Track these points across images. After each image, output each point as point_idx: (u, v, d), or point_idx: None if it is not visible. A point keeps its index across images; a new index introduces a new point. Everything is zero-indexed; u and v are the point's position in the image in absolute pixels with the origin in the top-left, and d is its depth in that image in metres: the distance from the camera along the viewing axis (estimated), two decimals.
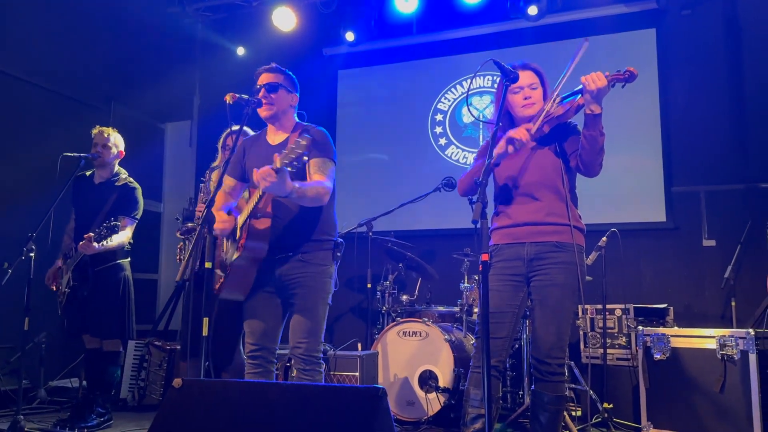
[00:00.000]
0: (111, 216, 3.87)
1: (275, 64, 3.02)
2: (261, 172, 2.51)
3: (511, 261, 2.74)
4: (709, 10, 5.40)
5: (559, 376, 2.68)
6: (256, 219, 2.79)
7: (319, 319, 2.85)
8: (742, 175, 5.14)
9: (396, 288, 4.93)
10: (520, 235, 2.74)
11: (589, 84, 2.51)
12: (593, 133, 2.56)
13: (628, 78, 2.52)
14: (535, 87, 2.79)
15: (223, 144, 4.02)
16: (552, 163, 2.75)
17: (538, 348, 2.68)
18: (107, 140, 4.17)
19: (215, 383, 2.14)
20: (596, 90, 2.50)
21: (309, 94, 3.54)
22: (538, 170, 2.75)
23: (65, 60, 5.72)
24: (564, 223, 2.70)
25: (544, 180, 2.74)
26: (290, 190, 2.58)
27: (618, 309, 4.50)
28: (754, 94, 5.21)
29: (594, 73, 2.51)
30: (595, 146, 2.58)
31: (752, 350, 3.56)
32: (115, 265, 4.12)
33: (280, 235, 2.83)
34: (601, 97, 2.54)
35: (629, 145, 5.51)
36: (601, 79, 2.50)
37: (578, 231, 2.75)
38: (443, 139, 6.26)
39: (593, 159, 2.62)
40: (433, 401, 4.12)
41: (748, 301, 4.71)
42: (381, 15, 6.23)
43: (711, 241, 5.20)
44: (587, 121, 2.58)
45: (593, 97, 2.53)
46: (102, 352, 4.10)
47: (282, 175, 2.50)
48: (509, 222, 2.77)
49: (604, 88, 2.50)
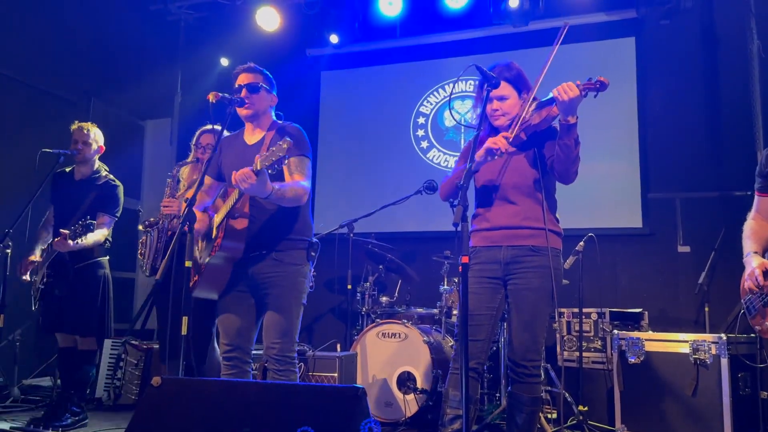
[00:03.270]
0: (90, 213, 3.83)
1: (253, 63, 3.02)
2: (240, 173, 2.51)
3: (489, 264, 2.77)
4: (688, 21, 5.49)
5: (535, 377, 2.72)
6: (234, 219, 2.79)
7: (293, 319, 2.85)
8: (717, 183, 5.23)
9: (376, 289, 4.94)
10: (497, 239, 2.76)
11: (561, 95, 2.48)
12: (567, 142, 2.56)
13: (600, 87, 2.48)
14: (506, 98, 2.78)
15: (196, 142, 4.00)
16: (529, 167, 2.77)
17: (514, 351, 2.72)
18: (87, 136, 4.12)
19: (194, 382, 2.14)
20: (568, 100, 2.48)
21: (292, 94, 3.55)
22: (516, 174, 2.77)
23: (44, 54, 5.65)
24: (540, 227, 2.72)
25: (521, 184, 2.76)
26: (270, 192, 2.59)
27: (594, 313, 4.55)
28: (730, 104, 5.31)
29: (565, 84, 2.48)
30: (570, 155, 2.58)
31: (724, 355, 3.63)
32: (95, 262, 4.08)
33: (255, 235, 2.83)
34: (574, 108, 2.51)
35: (607, 152, 5.59)
36: (573, 90, 2.47)
37: (555, 235, 2.77)
38: (425, 142, 6.29)
39: (567, 167, 2.63)
40: (411, 402, 4.13)
41: (721, 306, 4.79)
42: (365, 17, 6.25)
43: (686, 248, 5.28)
44: (561, 131, 2.57)
45: (566, 108, 2.51)
46: (77, 351, 4.05)
47: (262, 177, 2.50)
48: (487, 225, 2.80)
49: (576, 98, 2.47)
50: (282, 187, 2.68)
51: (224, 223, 2.81)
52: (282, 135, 2.88)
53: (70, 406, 3.98)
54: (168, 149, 6.89)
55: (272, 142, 2.89)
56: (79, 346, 4.04)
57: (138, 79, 6.40)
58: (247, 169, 2.50)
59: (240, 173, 2.51)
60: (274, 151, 2.46)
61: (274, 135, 2.93)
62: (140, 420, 2.01)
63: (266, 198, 2.63)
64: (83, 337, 4.04)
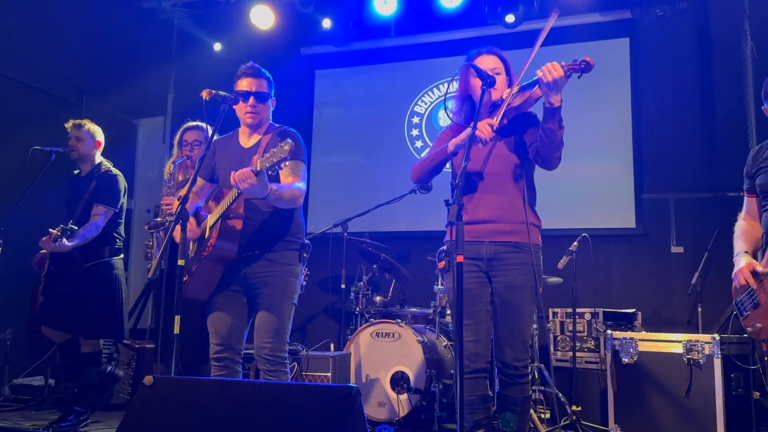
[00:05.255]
0: (91, 204, 3.78)
1: (257, 65, 3.00)
2: (240, 174, 2.50)
3: (473, 260, 2.73)
4: (682, 22, 5.50)
5: (525, 378, 2.72)
6: (229, 219, 2.78)
7: (284, 319, 2.85)
8: (711, 184, 5.25)
9: (370, 289, 4.93)
10: (479, 234, 2.72)
11: (545, 75, 2.43)
12: (552, 126, 2.51)
13: (584, 68, 2.43)
14: (497, 72, 2.74)
15: (180, 139, 3.98)
16: (509, 155, 2.73)
17: (503, 352, 2.70)
18: (80, 132, 4.09)
19: (187, 381, 2.13)
20: (552, 81, 2.42)
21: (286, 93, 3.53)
22: (497, 162, 2.73)
23: (37, 53, 5.61)
24: (520, 221, 2.69)
25: (501, 173, 2.72)
26: (268, 193, 2.59)
27: (587, 313, 4.56)
28: (724, 105, 5.32)
29: (550, 64, 2.43)
30: (554, 139, 2.54)
31: (717, 355, 3.64)
32: (104, 263, 3.98)
33: (249, 235, 2.83)
34: (558, 89, 2.46)
35: (601, 152, 5.60)
36: (557, 70, 2.41)
37: (535, 228, 2.74)
38: (419, 142, 6.28)
39: (552, 152, 2.59)
40: (405, 402, 4.13)
41: (714, 307, 4.81)
42: (360, 16, 6.24)
43: (679, 248, 5.30)
44: (546, 114, 2.52)
45: (550, 89, 2.45)
46: (79, 353, 3.97)
47: (261, 178, 2.51)
48: (467, 218, 2.71)
49: (560, 79, 2.42)
50: (280, 188, 2.68)
51: (218, 223, 2.80)
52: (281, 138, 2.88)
53: (74, 406, 3.94)
54: (161, 147, 6.85)
55: (269, 144, 2.89)
56: (81, 348, 3.97)
57: (131, 78, 6.36)
58: (247, 169, 2.50)
59: (240, 173, 2.50)
60: (275, 152, 2.46)
61: (271, 138, 2.93)
62: (132, 420, 1.99)
63: (264, 199, 2.63)
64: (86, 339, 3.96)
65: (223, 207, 2.78)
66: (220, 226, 2.79)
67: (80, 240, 3.80)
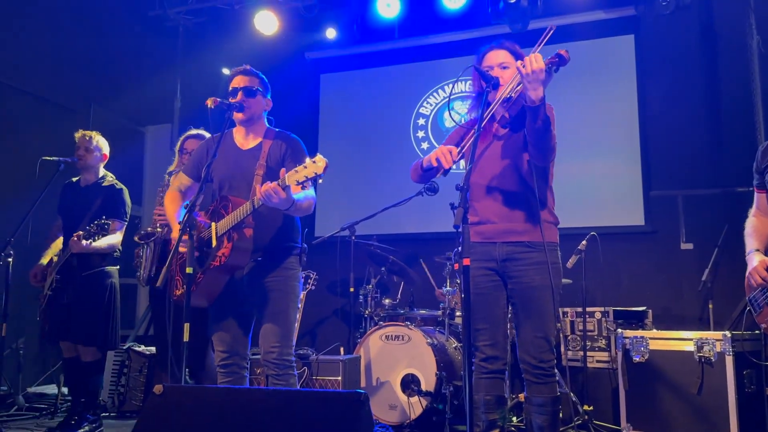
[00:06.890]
0: (97, 218, 3.82)
1: (249, 66, 3.01)
2: (267, 188, 2.53)
3: (485, 261, 2.69)
4: (687, 17, 5.48)
5: (552, 377, 2.65)
6: (241, 229, 2.77)
7: (290, 324, 2.85)
8: (719, 180, 5.22)
9: (378, 292, 4.93)
10: (491, 234, 2.68)
11: (525, 66, 2.34)
12: (536, 126, 2.43)
13: (559, 61, 2.38)
14: (505, 66, 2.68)
15: (180, 148, 4.00)
16: (519, 150, 2.67)
17: (529, 352, 2.63)
18: (89, 143, 4.12)
19: (197, 389, 2.14)
20: (531, 72, 2.33)
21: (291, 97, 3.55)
22: (506, 159, 2.68)
23: (44, 62, 5.66)
24: (533, 220, 2.63)
25: (512, 169, 2.67)
26: (291, 205, 2.62)
27: (597, 312, 4.54)
28: (731, 100, 5.29)
29: (532, 54, 2.35)
30: (540, 139, 2.48)
31: (729, 352, 3.61)
32: (102, 271, 4.03)
33: (255, 242, 2.82)
34: (537, 81, 2.35)
35: (608, 150, 5.58)
36: (538, 61, 2.33)
37: (550, 225, 2.69)
38: (425, 144, 6.28)
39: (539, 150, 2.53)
40: (416, 405, 4.12)
41: (725, 303, 4.77)
42: (363, 19, 6.26)
43: (689, 245, 5.27)
44: (528, 115, 2.45)
45: (529, 82, 2.35)
46: (82, 363, 3.99)
47: (288, 192, 2.55)
48: (477, 219, 2.69)
49: (538, 71, 2.33)
50: (299, 200, 2.70)
51: (231, 234, 2.76)
52: (285, 143, 2.89)
53: (86, 414, 3.97)
54: (168, 155, 6.88)
55: (273, 149, 2.89)
56: (82, 357, 3.99)
57: (138, 85, 6.41)
58: (275, 184, 2.52)
59: (268, 188, 2.53)
60: (307, 168, 2.50)
61: (273, 143, 2.92)
62: (142, 429, 2.00)
63: (286, 210, 2.67)
64: (86, 347, 3.99)
65: (237, 218, 2.74)
66: (236, 237, 2.75)
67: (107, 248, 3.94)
